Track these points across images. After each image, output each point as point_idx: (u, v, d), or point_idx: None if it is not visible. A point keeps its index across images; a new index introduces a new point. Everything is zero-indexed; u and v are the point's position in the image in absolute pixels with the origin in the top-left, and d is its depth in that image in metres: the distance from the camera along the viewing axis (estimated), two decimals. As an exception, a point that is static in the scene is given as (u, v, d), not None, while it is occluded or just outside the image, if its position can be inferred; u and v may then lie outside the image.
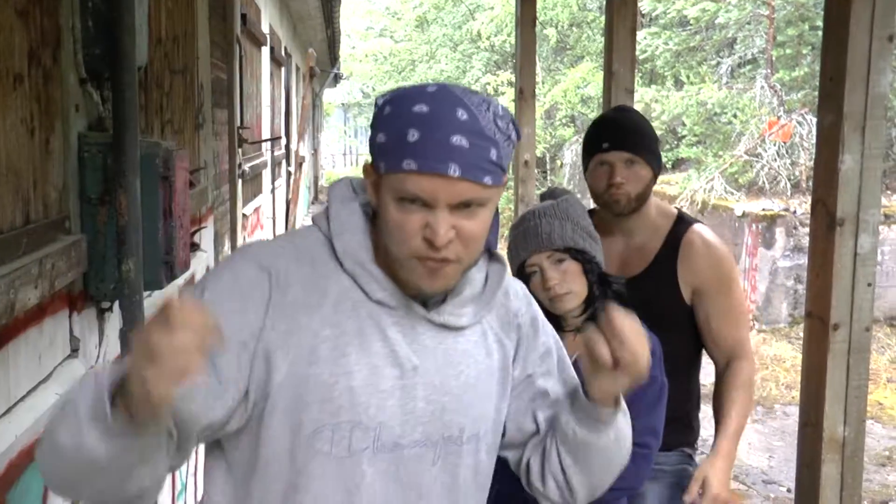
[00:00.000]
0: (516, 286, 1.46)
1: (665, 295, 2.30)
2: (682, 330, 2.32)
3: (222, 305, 1.19)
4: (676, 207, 2.51)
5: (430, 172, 1.15)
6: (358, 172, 1.37)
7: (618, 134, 2.27)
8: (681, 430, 2.36)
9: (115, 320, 2.42)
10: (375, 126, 1.22)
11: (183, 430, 1.14)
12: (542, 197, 2.07)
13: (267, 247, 1.30)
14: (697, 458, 2.44)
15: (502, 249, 1.70)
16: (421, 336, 1.28)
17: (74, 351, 2.20)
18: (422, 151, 1.15)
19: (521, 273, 1.98)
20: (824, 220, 2.17)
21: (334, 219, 1.29)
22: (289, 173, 10.94)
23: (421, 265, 1.20)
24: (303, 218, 14.68)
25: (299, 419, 1.22)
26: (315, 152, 19.58)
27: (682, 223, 2.36)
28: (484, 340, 1.35)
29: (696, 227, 2.36)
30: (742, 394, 2.30)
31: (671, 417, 2.18)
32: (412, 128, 1.15)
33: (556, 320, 2.01)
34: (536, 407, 1.42)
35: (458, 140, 1.15)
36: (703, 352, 2.42)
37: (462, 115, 1.16)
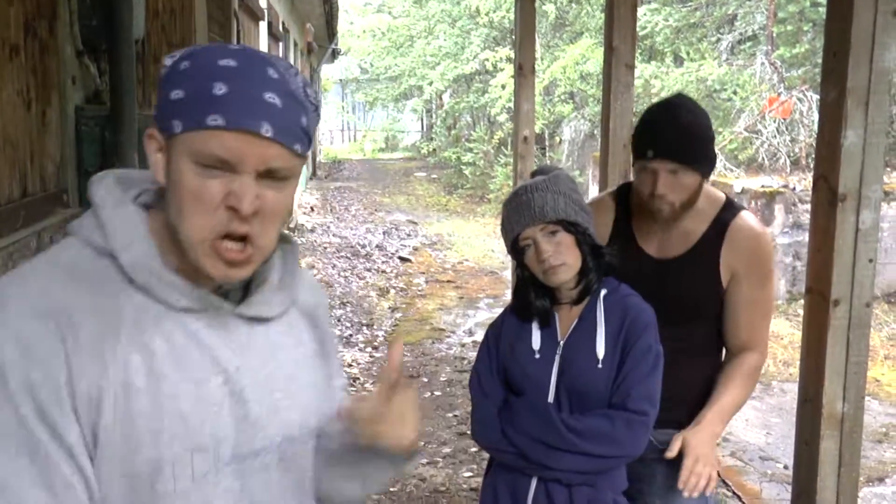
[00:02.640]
0: (308, 276, 1.33)
1: (704, 280, 2.24)
2: (712, 313, 2.29)
3: (29, 382, 0.99)
4: (725, 193, 2.39)
5: (240, 129, 1.01)
6: (356, 148, 1.30)
7: (662, 141, 2.13)
8: (698, 411, 2.27)
9: (113, 295, 2.42)
10: (168, 82, 1.05)
11: None
12: (533, 174, 2.08)
13: (32, 285, 1.04)
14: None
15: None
16: (234, 333, 1.14)
17: (73, 325, 2.20)
18: (231, 106, 1.01)
19: (516, 247, 1.99)
20: (826, 196, 2.16)
21: (113, 229, 1.08)
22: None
23: (217, 250, 1.05)
24: (300, 193, 14.67)
25: (132, 463, 1.05)
26: (313, 128, 19.50)
27: (730, 209, 2.28)
28: (290, 330, 1.23)
29: (744, 213, 2.29)
30: (743, 380, 2.25)
31: (692, 400, 2.23)
32: (219, 81, 1.02)
33: (552, 293, 2.02)
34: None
35: (271, 97, 1.04)
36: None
37: (273, 73, 1.05)
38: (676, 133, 2.13)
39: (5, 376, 0.98)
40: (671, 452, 2.11)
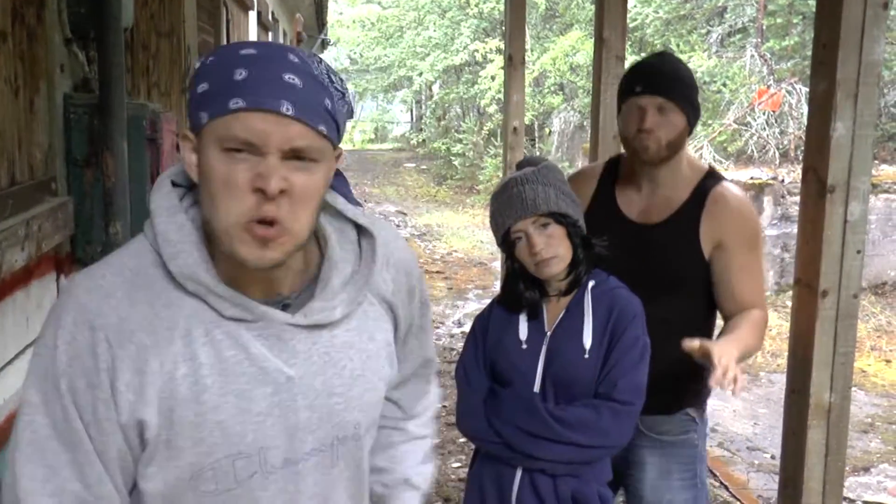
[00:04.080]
0: (398, 254, 1.31)
1: (682, 246, 2.21)
2: (695, 285, 2.23)
3: (74, 387, 1.07)
4: (709, 164, 2.42)
5: (261, 109, 1.02)
6: (345, 139, 1.29)
7: (652, 78, 2.18)
8: (685, 391, 2.27)
9: (102, 284, 2.41)
10: (196, 79, 1.08)
11: None
12: (520, 165, 2.08)
13: (93, 293, 1.09)
14: (706, 429, 2.36)
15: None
16: (290, 343, 1.14)
17: (62, 314, 2.19)
18: (251, 88, 1.02)
19: (507, 240, 1.99)
20: (815, 188, 2.17)
21: (164, 239, 1.11)
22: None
23: (250, 233, 1.04)
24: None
25: (176, 467, 1.12)
26: (302, 118, 19.47)
27: (711, 178, 2.26)
28: (365, 323, 1.23)
29: (726, 183, 2.27)
30: (751, 327, 2.15)
31: (675, 376, 2.18)
32: (239, 67, 1.03)
33: (541, 285, 2.02)
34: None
35: (291, 78, 1.04)
36: (716, 315, 2.33)
37: (293, 58, 1.07)
38: (665, 72, 2.20)
39: (57, 379, 1.07)
40: (689, 346, 1.94)
